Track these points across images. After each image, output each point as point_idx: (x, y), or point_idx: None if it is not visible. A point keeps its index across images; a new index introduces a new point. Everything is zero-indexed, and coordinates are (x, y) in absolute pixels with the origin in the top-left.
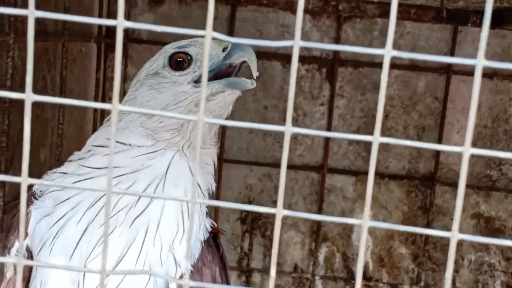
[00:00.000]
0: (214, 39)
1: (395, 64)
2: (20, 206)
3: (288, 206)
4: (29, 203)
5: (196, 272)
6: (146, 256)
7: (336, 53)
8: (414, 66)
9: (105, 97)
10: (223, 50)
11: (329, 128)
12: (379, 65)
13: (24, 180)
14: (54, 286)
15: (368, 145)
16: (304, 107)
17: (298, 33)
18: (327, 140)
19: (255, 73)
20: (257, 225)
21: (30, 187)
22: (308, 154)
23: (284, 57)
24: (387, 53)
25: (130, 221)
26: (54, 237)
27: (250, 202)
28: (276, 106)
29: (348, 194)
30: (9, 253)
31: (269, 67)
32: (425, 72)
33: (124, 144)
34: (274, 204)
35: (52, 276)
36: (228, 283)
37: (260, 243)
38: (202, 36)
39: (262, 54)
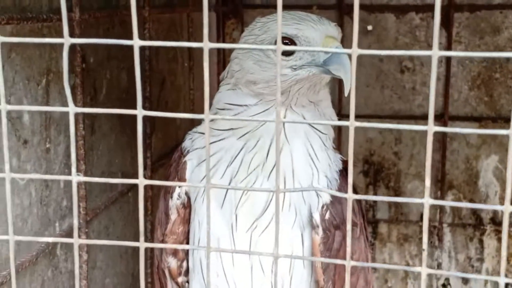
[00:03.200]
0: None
1: None
2: (206, 146)
3: (410, 156)
4: (180, 157)
5: (337, 202)
6: (290, 199)
7: None
8: None
9: (225, 62)
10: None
11: (447, 76)
12: (497, 7)
13: (206, 116)
14: (210, 226)
15: (489, 90)
16: (421, 56)
17: None
18: (446, 87)
19: (347, 89)
20: (380, 177)
21: (176, 146)
22: (427, 103)
23: (397, 8)
24: None
25: (267, 173)
26: (204, 190)
27: (371, 155)
28: (391, 58)
29: (472, 141)
30: (171, 197)
31: (383, 20)
32: None
33: (241, 105)
34: (395, 155)
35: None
36: (363, 215)
37: (385, 194)
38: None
39: (374, 7)
